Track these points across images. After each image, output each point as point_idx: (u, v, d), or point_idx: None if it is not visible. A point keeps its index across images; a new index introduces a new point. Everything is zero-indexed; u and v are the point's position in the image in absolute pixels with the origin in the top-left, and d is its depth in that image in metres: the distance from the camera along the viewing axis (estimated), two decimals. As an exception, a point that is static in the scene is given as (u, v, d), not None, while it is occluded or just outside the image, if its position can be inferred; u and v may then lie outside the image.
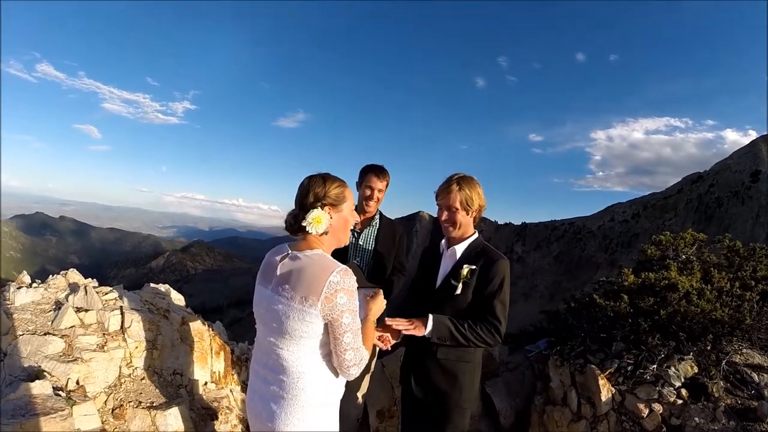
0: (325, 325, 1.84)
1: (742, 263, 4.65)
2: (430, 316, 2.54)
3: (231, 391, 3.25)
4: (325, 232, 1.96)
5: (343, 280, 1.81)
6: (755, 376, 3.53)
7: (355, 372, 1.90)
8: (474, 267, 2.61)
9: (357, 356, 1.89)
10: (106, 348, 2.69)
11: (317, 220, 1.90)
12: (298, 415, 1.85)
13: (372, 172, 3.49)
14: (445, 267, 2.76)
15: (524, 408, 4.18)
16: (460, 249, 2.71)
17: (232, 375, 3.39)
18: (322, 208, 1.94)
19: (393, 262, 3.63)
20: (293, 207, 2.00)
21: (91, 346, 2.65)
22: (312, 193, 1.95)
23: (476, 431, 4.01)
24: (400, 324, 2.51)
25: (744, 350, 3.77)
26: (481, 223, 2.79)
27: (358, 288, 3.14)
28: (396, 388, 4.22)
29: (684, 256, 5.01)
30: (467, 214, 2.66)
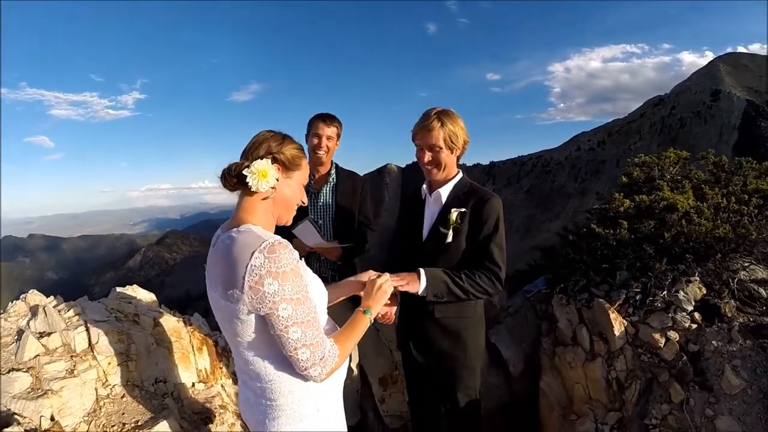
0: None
1: (729, 178, 4.51)
2: (422, 272, 2.22)
3: (222, 386, 2.98)
4: (266, 197, 1.60)
5: (269, 260, 1.40)
6: (762, 291, 3.41)
7: (316, 373, 1.50)
8: (463, 210, 2.33)
9: (316, 354, 1.48)
10: (76, 372, 2.37)
11: (263, 172, 1.54)
12: (285, 424, 1.55)
13: (318, 118, 3.15)
14: (430, 214, 2.47)
15: (532, 353, 4.03)
16: (445, 192, 2.42)
17: (221, 368, 3.11)
18: (272, 164, 1.58)
19: (358, 216, 3.33)
20: None
21: (60, 374, 2.33)
22: (265, 145, 1.61)
23: (485, 384, 3.86)
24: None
25: (747, 265, 3.65)
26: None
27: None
28: (394, 351, 4.03)
29: (669, 176, 4.86)
30: (451, 153, 2.35)
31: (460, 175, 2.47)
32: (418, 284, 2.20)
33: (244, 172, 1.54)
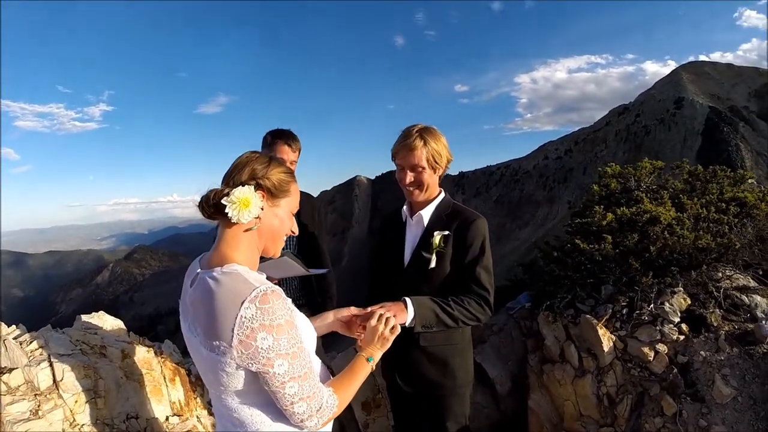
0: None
1: (705, 187, 4.54)
2: (408, 301, 2.06)
3: (198, 418, 2.82)
4: (249, 228, 1.41)
5: (261, 311, 1.24)
6: (745, 298, 3.42)
7: (312, 424, 1.37)
8: (447, 232, 2.22)
9: (312, 406, 1.35)
10: (40, 412, 2.19)
11: (244, 201, 1.35)
12: None
13: (282, 139, 2.88)
14: (412, 238, 2.34)
15: (519, 371, 3.95)
16: (426, 214, 2.30)
17: (195, 399, 2.94)
18: (256, 190, 1.41)
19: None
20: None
21: (24, 415, 2.16)
22: (249, 169, 1.42)
23: (472, 405, 3.76)
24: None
25: (728, 273, 3.65)
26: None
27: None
28: (377, 375, 3.90)
29: (645, 186, 4.88)
30: (434, 173, 2.24)
31: (443, 194, 2.36)
32: (405, 315, 2.04)
33: (223, 201, 1.36)
